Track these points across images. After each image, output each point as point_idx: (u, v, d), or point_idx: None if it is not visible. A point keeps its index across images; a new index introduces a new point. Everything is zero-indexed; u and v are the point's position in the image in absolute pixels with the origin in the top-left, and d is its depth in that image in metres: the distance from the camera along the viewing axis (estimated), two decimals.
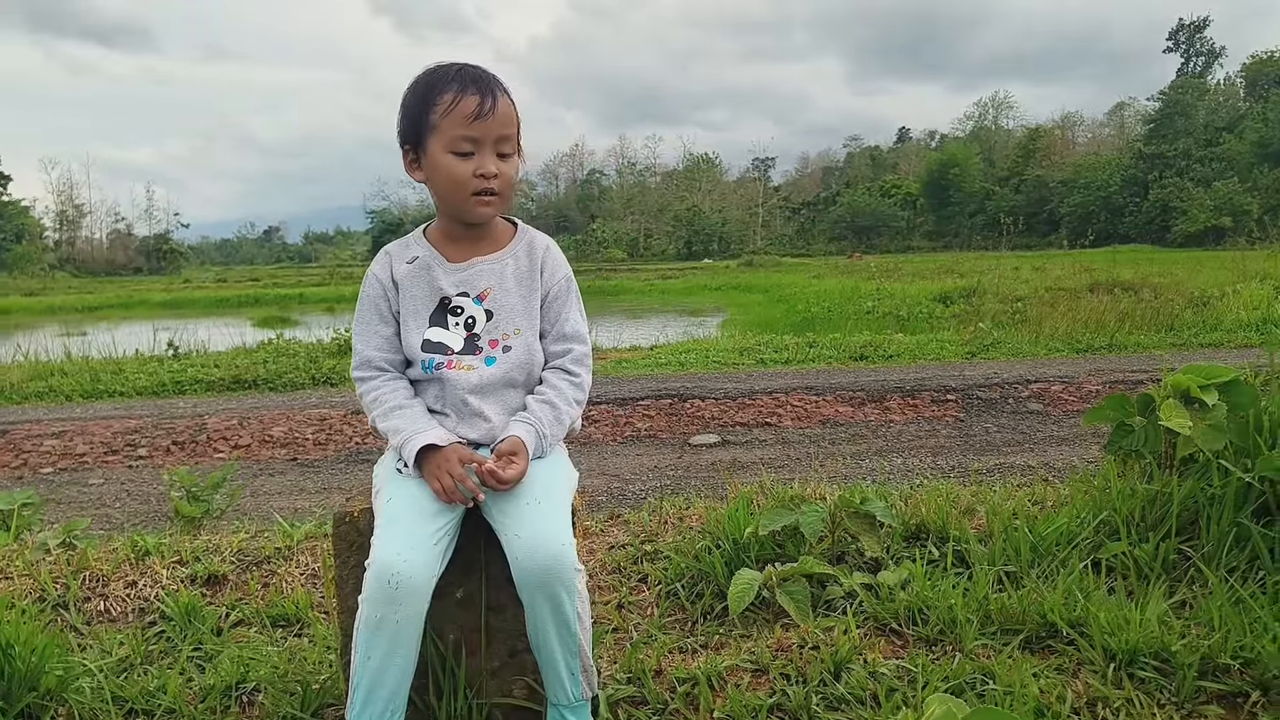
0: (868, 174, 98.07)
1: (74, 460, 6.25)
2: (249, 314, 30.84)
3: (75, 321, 29.62)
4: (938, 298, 18.83)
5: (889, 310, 17.40)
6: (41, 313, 35.35)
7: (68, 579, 2.92)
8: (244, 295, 40.17)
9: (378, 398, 2.13)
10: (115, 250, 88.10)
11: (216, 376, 9.64)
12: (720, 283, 37.51)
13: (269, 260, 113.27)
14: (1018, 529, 2.89)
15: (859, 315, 17.26)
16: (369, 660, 1.89)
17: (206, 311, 33.10)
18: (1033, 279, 22.52)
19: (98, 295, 42.35)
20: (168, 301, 38.57)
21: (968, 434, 6.47)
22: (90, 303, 38.41)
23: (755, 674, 2.33)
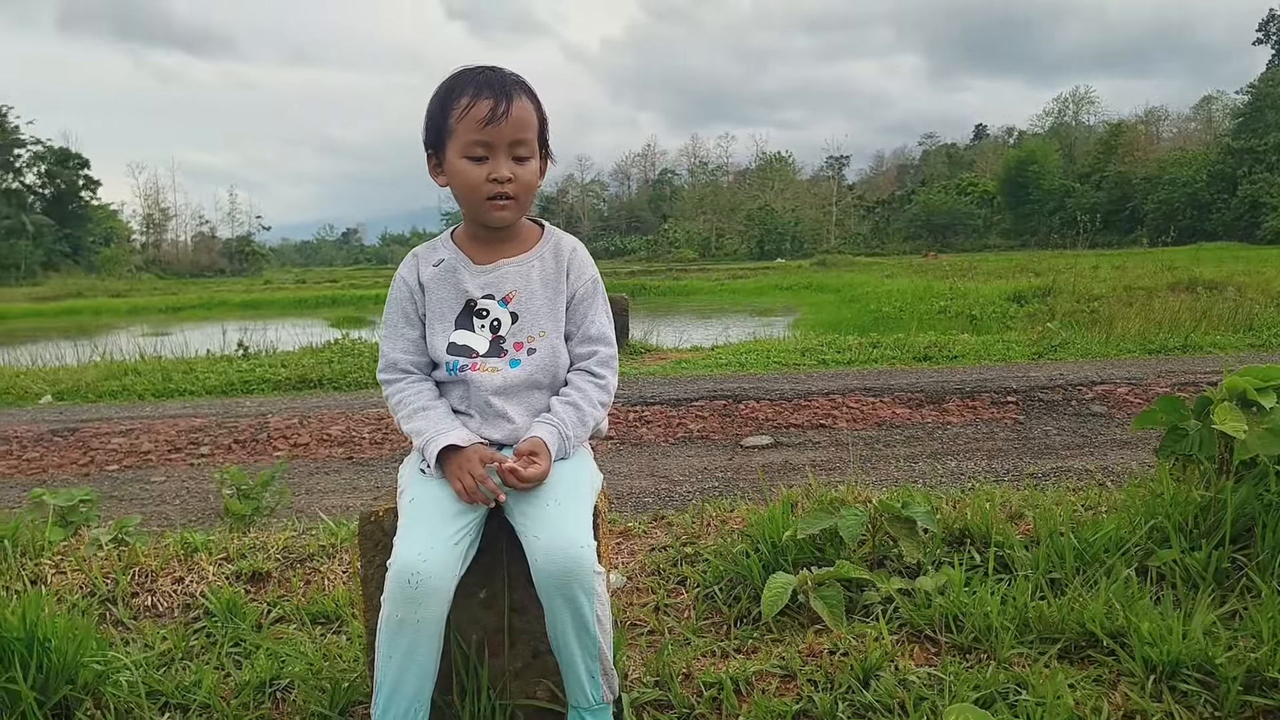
0: (944, 172, 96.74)
1: (138, 458, 6.43)
2: (326, 314, 31.42)
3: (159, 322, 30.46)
4: (1012, 297, 18.50)
5: (961, 310, 17.14)
6: (127, 314, 36.40)
7: (117, 574, 2.99)
8: (321, 296, 40.94)
9: (402, 399, 2.14)
10: (199, 252, 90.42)
11: (283, 376, 9.86)
12: (792, 282, 37.26)
13: (347, 262, 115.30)
14: (1064, 535, 2.81)
15: (931, 315, 17.03)
16: (391, 660, 1.91)
17: (284, 312, 33.79)
18: (1111, 278, 22.00)
19: (181, 296, 43.48)
20: (248, 302, 39.46)
21: (1026, 437, 6.32)
22: (174, 304, 39.45)
23: (784, 679, 2.30)
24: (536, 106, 2.11)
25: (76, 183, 78.15)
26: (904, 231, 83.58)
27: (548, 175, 2.20)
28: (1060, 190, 76.76)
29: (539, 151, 2.13)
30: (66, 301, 41.46)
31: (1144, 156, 75.91)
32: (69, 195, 77.61)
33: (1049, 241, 60.71)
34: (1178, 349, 10.38)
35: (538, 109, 2.11)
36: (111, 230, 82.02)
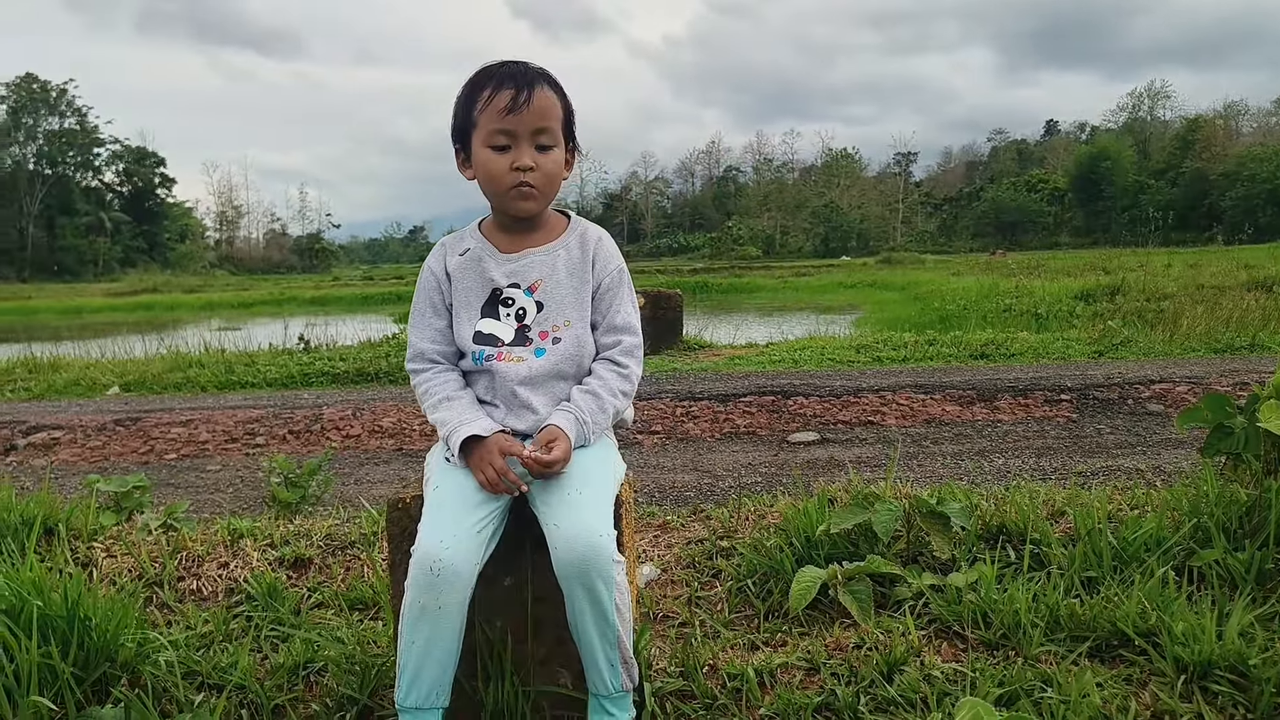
0: (1013, 168, 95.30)
1: (196, 447, 6.58)
2: (390, 310, 31.83)
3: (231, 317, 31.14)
4: (1079, 295, 18.13)
5: (1026, 308, 16.84)
6: (201, 309, 37.27)
7: (165, 558, 3.08)
8: (388, 293, 41.50)
9: (429, 389, 2.17)
10: (271, 249, 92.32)
11: (342, 369, 10.02)
12: (856, 280, 36.96)
13: (413, 259, 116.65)
14: (1102, 533, 2.77)
15: (996, 314, 16.76)
16: (414, 645, 1.94)
17: (351, 308, 34.34)
18: (1184, 276, 21.45)
19: (253, 292, 44.40)
20: (316, 298, 40.15)
21: (1078, 435, 6.20)
22: (245, 299, 40.29)
23: (808, 672, 2.30)
24: (560, 97, 2.12)
25: (153, 181, 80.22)
26: (971, 229, 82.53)
27: (616, 168, 2.21)
28: (1134, 187, 75.25)
29: (564, 143, 2.14)
30: (142, 296, 42.57)
31: (1221, 152, 74.04)
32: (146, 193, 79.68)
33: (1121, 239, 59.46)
34: (1244, 348, 10.11)
35: (562, 100, 2.12)
36: (186, 227, 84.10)
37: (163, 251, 76.42)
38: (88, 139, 78.64)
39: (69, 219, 73.01)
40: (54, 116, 77.78)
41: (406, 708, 1.96)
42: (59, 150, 77.31)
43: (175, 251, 76.89)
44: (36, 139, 77.07)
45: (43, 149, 76.97)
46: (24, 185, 72.64)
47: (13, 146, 75.47)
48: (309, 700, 2.30)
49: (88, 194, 77.34)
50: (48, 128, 77.56)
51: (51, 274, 65.52)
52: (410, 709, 1.96)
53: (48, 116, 77.54)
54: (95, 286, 51.80)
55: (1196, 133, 78.50)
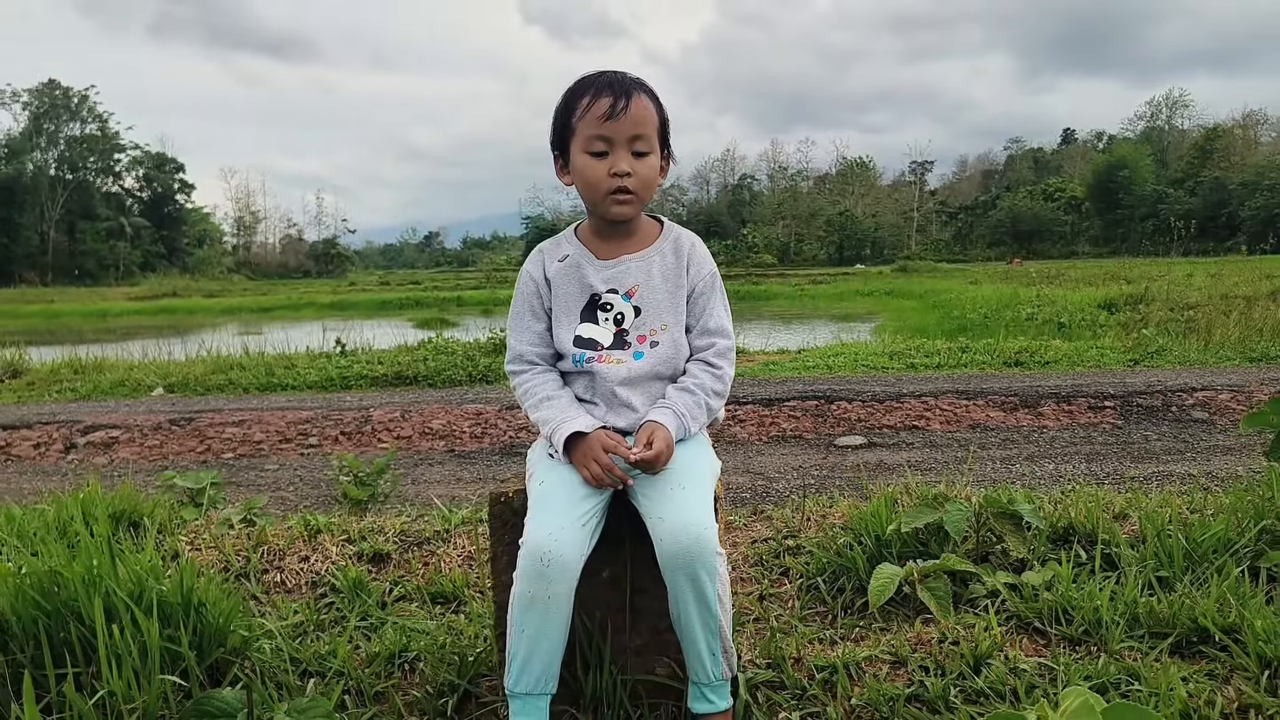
0: (1029, 177, 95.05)
1: (251, 447, 6.70)
2: (409, 315, 32.00)
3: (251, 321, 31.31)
4: (1102, 304, 18.14)
5: (1049, 317, 16.85)
6: (220, 313, 37.48)
7: (248, 552, 3.16)
8: (405, 298, 41.68)
9: (529, 389, 2.24)
10: (287, 254, 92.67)
11: (380, 373, 10.13)
12: (872, 288, 36.98)
13: (429, 265, 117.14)
14: (1171, 534, 2.82)
15: (1018, 322, 16.78)
16: (524, 633, 2.01)
17: (369, 313, 34.49)
18: (1207, 285, 21.42)
19: (271, 297, 44.62)
20: (334, 303, 40.36)
21: (1125, 441, 6.26)
22: (264, 304, 40.51)
23: (893, 665, 2.36)
24: (657, 105, 2.19)
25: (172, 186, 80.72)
26: (988, 238, 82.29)
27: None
28: (1152, 196, 74.93)
29: (660, 150, 2.21)
30: (163, 300, 42.87)
31: (1241, 161, 73.76)
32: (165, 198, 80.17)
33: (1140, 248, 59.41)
34: None
35: (658, 108, 2.19)
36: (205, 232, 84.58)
37: (181, 256, 76.90)
38: (108, 145, 79.24)
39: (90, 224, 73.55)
40: (75, 122, 78.42)
41: (517, 694, 2.03)
42: (80, 156, 77.93)
43: (194, 256, 77.37)
44: (58, 145, 77.69)
45: (64, 155, 77.59)
46: (45, 190, 73.23)
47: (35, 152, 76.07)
48: (407, 687, 2.37)
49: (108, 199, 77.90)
50: (69, 134, 78.19)
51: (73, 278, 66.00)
52: (521, 695, 2.03)
53: (69, 122, 78.16)
54: (116, 290, 52.16)
55: (1215, 141, 78.27)
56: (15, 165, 72.33)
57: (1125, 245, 68.65)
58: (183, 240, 79.80)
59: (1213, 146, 77.34)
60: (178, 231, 79.50)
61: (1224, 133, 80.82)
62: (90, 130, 78.93)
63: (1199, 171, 74.75)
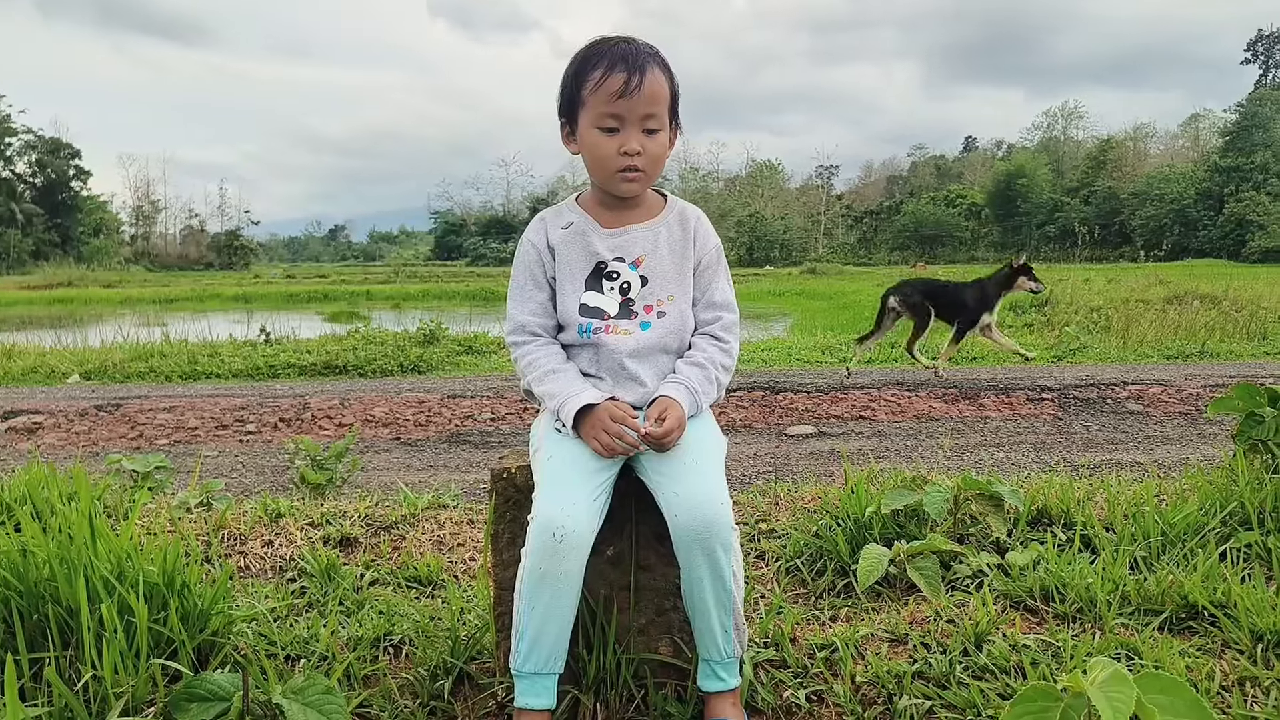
0: (932, 183, 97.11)
1: (187, 433, 6.44)
2: (317, 309, 31.32)
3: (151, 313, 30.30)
4: (1008, 307, 18.58)
5: None
6: (119, 304, 36.18)
7: (209, 535, 3.03)
8: (312, 291, 40.76)
9: (532, 361, 2.17)
10: (188, 245, 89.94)
11: (309, 362, 9.91)
12: (783, 289, 37.34)
13: (334, 259, 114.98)
14: (1147, 515, 2.88)
15: None
16: (534, 610, 1.95)
17: (276, 306, 33.64)
18: (1106, 290, 22.11)
19: (172, 289, 43.23)
20: (239, 296, 39.28)
21: (1068, 431, 6.42)
22: (165, 295, 39.22)
23: (892, 644, 2.36)
24: (669, 79, 2.14)
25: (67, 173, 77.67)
26: (892, 242, 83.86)
27: (544, 172, 2.22)
28: (1049, 204, 77.20)
29: (669, 124, 2.17)
30: (57, 291, 41.21)
31: (1132, 172, 76.42)
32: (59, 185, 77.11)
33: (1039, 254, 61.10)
34: (1195, 355, 10.56)
35: (670, 81, 2.14)
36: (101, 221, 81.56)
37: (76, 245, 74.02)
38: None
39: None
40: None
41: (525, 673, 1.97)
42: None
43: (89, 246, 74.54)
44: None
45: None
46: None
47: None
48: (397, 670, 2.29)
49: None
50: None
51: None
52: (529, 674, 1.97)
53: None
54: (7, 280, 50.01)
55: (1108, 153, 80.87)
56: None
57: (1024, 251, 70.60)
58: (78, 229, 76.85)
59: (1106, 157, 79.92)
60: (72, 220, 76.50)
61: (1116, 144, 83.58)
62: None
63: (1093, 181, 77.19)
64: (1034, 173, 79.89)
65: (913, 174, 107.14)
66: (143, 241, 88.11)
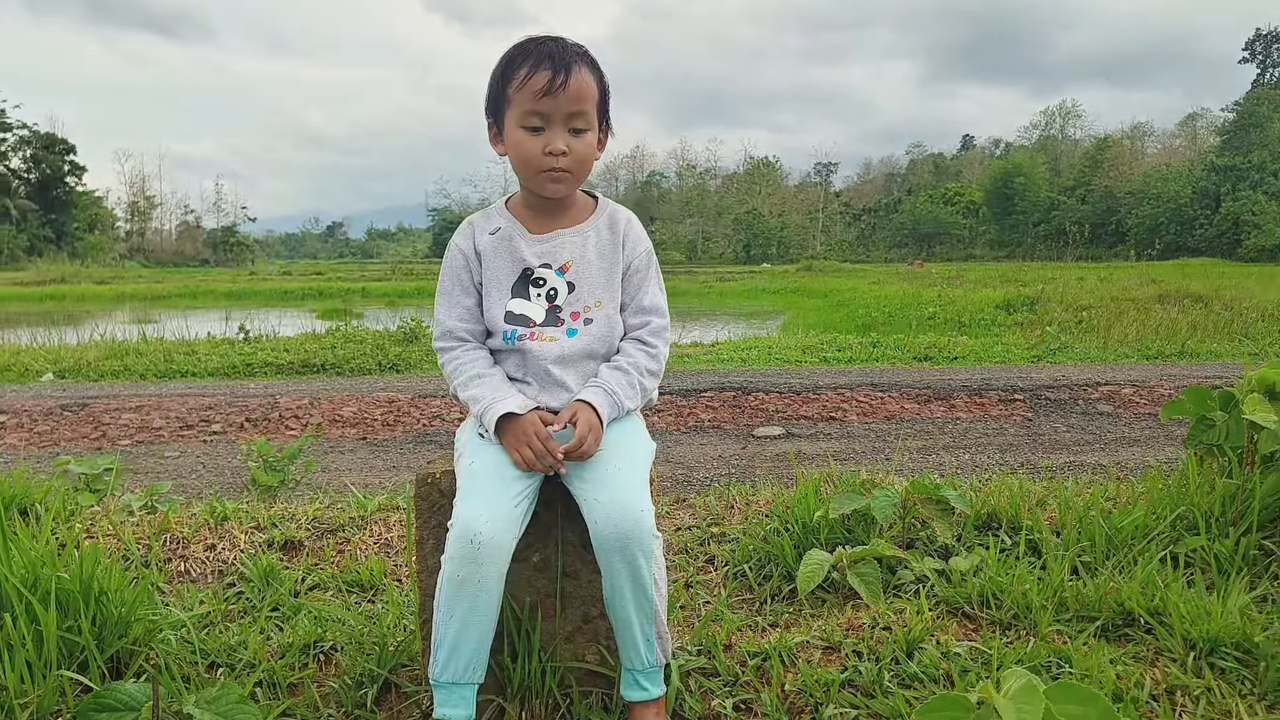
0: (930, 181, 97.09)
1: (150, 434, 6.41)
2: (312, 306, 31.22)
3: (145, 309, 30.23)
4: (1000, 305, 18.60)
5: (950, 317, 17.24)
6: (112, 300, 36.10)
7: (150, 540, 3.00)
8: (308, 288, 40.64)
9: (458, 367, 2.15)
10: (184, 242, 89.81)
11: (286, 360, 9.87)
12: (779, 286, 37.32)
13: (331, 255, 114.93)
14: (1093, 520, 2.86)
15: (920, 321, 17.12)
16: (452, 618, 1.92)
17: (271, 303, 33.58)
18: (1098, 289, 22.11)
19: (166, 285, 43.11)
20: (233, 292, 39.18)
21: (1036, 433, 6.40)
22: (159, 291, 39.12)
23: (826, 651, 2.33)
24: (598, 78, 2.10)
25: (62, 169, 77.43)
26: (889, 240, 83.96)
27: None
28: (1046, 202, 77.20)
29: (598, 124, 2.13)
30: (50, 287, 41.09)
31: (1129, 171, 76.37)
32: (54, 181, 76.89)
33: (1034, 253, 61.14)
34: (1175, 355, 10.54)
35: (599, 80, 2.10)
36: (96, 217, 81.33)
37: (71, 241, 73.82)
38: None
39: None
40: None
41: (442, 683, 1.95)
42: None
43: (84, 242, 74.31)
44: None
45: None
46: None
47: None
48: (323, 678, 2.27)
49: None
50: None
51: None
52: (446, 684, 1.95)
53: None
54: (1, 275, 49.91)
55: (1105, 152, 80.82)
56: None
57: (1020, 250, 70.42)
58: (72, 225, 76.64)
59: (1103, 156, 79.86)
60: (67, 215, 76.28)
61: (1113, 143, 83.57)
62: None
63: (1090, 180, 77.17)
64: (1031, 171, 79.88)
65: (911, 172, 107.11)
66: (138, 238, 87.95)
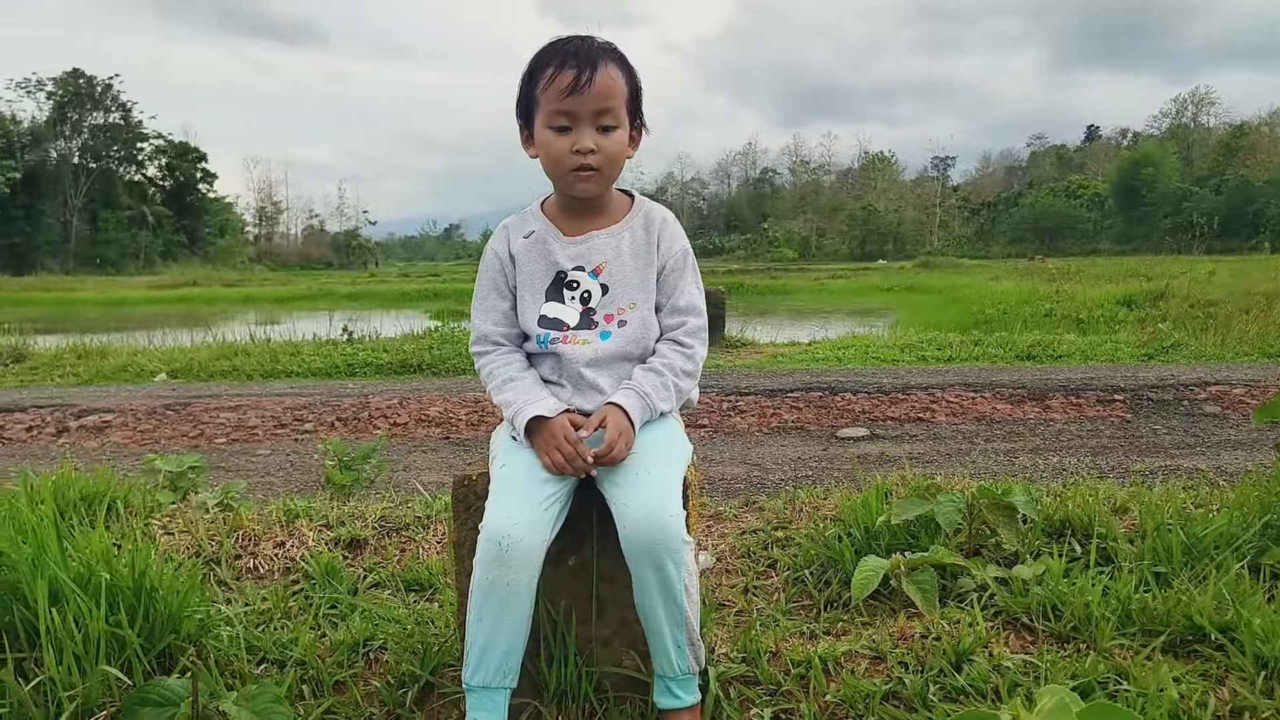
0: (1052, 174, 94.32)
1: (245, 432, 6.67)
2: (427, 306, 31.88)
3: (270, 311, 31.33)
4: (1122, 301, 17.93)
5: (1068, 313, 16.68)
6: (240, 302, 37.57)
7: (222, 537, 3.09)
8: (424, 289, 41.56)
9: (492, 371, 2.16)
10: (309, 245, 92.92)
11: (385, 360, 10.11)
12: (893, 283, 36.69)
13: (449, 257, 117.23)
14: (1170, 529, 2.72)
15: (1036, 318, 16.62)
16: (481, 621, 1.93)
17: (388, 304, 34.44)
18: (1229, 284, 21.09)
19: (290, 288, 44.64)
20: (353, 294, 40.31)
21: (1133, 435, 6.14)
22: (283, 294, 40.53)
23: (873, 661, 2.27)
24: (627, 75, 2.08)
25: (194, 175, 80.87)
26: (1009, 234, 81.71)
27: (652, 169, 2.17)
28: (1176, 194, 74.09)
29: (629, 121, 2.11)
30: (183, 290, 42.93)
31: (1267, 159, 72.80)
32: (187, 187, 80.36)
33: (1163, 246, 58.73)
34: None
35: (628, 77, 2.08)
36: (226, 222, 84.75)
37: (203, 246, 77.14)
38: (131, 133, 79.55)
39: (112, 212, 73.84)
40: (99, 111, 78.72)
41: (474, 686, 1.95)
42: (103, 145, 78.23)
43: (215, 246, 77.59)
44: (82, 133, 78.07)
45: (88, 143, 77.94)
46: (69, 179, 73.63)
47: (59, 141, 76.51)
48: (369, 677, 2.29)
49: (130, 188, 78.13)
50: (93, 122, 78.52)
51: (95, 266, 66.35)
52: (477, 688, 1.95)
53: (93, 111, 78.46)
54: (137, 279, 52.32)
55: (1241, 139, 77.33)
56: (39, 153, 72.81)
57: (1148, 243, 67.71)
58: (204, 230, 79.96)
59: (1238, 144, 76.41)
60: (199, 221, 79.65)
61: (1250, 130, 79.86)
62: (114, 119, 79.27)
63: (1224, 170, 73.88)
64: (1161, 162, 76.89)
65: (1032, 164, 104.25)
66: (265, 241, 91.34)
